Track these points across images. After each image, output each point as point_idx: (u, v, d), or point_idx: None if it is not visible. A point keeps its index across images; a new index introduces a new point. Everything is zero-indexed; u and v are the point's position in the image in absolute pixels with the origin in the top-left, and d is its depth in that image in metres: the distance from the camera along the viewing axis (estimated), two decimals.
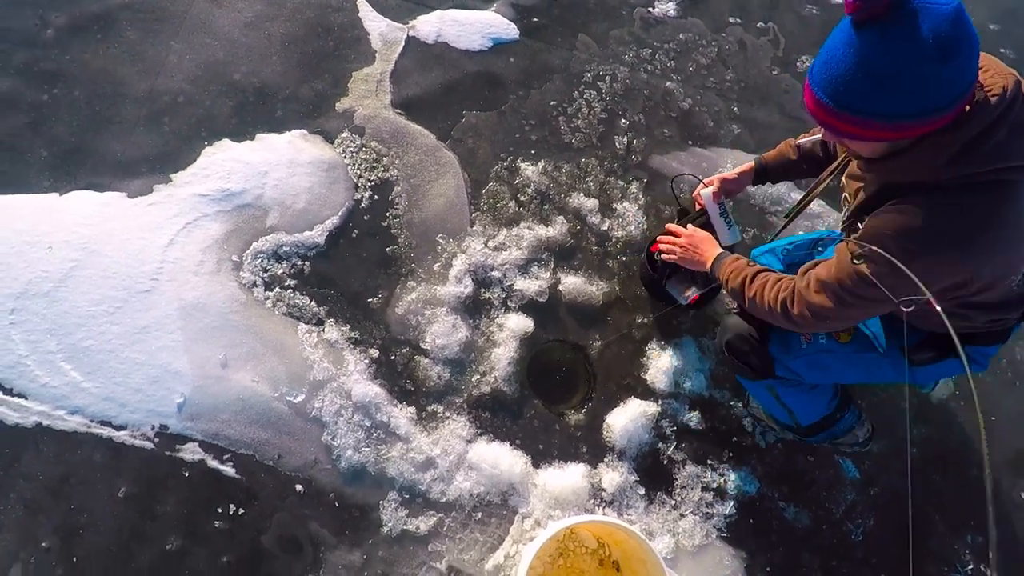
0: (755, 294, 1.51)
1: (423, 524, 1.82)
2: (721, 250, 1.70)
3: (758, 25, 2.81)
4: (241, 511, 1.79)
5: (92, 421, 1.82)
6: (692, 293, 1.95)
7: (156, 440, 1.82)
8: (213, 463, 1.82)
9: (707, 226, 1.89)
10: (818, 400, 1.83)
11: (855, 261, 1.21)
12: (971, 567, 2.01)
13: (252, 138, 2.22)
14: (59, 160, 2.11)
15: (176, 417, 1.84)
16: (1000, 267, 1.22)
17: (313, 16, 2.48)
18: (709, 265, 1.69)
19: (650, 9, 2.75)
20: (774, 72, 2.71)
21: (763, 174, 1.87)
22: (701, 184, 1.94)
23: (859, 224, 1.26)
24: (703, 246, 1.73)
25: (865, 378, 1.70)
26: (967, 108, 1.09)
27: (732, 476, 1.98)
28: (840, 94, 1.08)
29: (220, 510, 1.79)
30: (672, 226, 1.85)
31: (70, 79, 2.23)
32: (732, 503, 1.95)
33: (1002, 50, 2.91)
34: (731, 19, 2.80)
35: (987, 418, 2.20)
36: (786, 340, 1.70)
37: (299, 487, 1.83)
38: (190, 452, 1.82)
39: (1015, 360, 2.30)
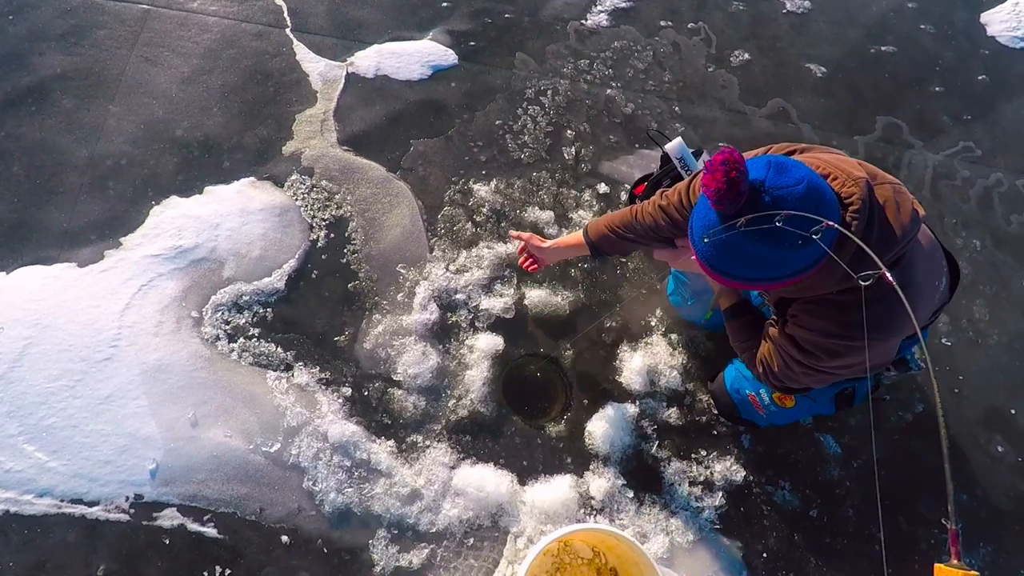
0: None
1: (415, 558, 1.79)
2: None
3: (689, 26, 2.89)
4: (228, 571, 1.74)
5: (62, 501, 1.76)
6: None
7: (131, 511, 1.77)
8: (193, 526, 1.78)
9: (677, 179, 2.02)
10: (817, 405, 1.85)
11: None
12: (960, 525, 2.04)
13: (200, 192, 2.21)
14: (2, 238, 2.06)
15: (150, 484, 1.80)
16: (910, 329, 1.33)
17: (250, 64, 2.48)
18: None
19: (583, 22, 2.82)
20: (709, 69, 2.78)
21: None
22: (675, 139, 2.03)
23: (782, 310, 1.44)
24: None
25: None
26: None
27: (717, 467, 1.99)
28: (712, 263, 1.22)
29: (206, 573, 1.74)
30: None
31: (7, 155, 2.20)
32: (721, 494, 1.96)
33: (922, 26, 3.04)
34: (662, 23, 2.88)
35: (955, 378, 2.25)
36: (751, 414, 1.92)
37: (285, 538, 1.79)
38: (168, 518, 1.78)
39: (974, 319, 2.37)
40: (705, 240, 1.18)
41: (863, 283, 1.05)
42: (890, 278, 1.02)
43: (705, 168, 1.10)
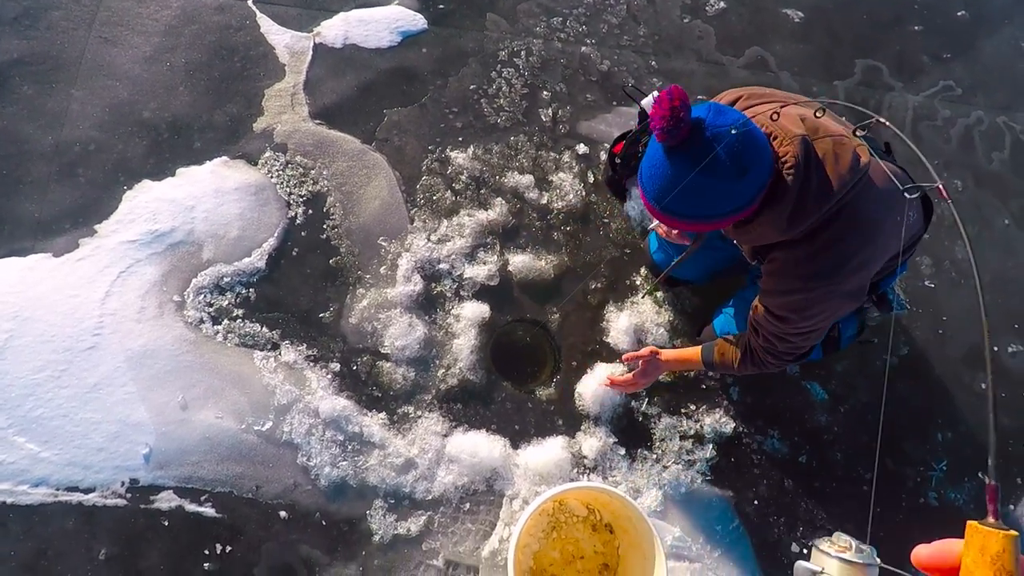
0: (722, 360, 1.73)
1: (413, 525, 1.82)
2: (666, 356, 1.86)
3: None
4: (228, 549, 1.77)
5: (58, 490, 1.77)
6: None
7: (128, 496, 1.78)
8: (191, 507, 1.79)
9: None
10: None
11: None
12: (946, 463, 2.08)
13: (173, 174, 2.16)
14: None
15: (144, 469, 1.80)
16: (876, 264, 1.43)
17: (214, 40, 2.41)
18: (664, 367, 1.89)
19: None
20: (685, 20, 2.72)
21: None
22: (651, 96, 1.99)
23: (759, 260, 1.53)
24: (652, 370, 1.88)
25: None
26: (779, 182, 1.29)
27: (707, 420, 2.01)
28: (662, 202, 1.30)
29: (207, 552, 1.76)
30: (617, 378, 1.95)
31: None
32: (711, 446, 1.99)
33: None
34: None
35: (938, 319, 2.27)
36: None
37: (283, 513, 1.81)
38: (165, 501, 1.79)
39: (956, 260, 2.38)
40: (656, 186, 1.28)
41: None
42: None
43: (653, 102, 1.20)
